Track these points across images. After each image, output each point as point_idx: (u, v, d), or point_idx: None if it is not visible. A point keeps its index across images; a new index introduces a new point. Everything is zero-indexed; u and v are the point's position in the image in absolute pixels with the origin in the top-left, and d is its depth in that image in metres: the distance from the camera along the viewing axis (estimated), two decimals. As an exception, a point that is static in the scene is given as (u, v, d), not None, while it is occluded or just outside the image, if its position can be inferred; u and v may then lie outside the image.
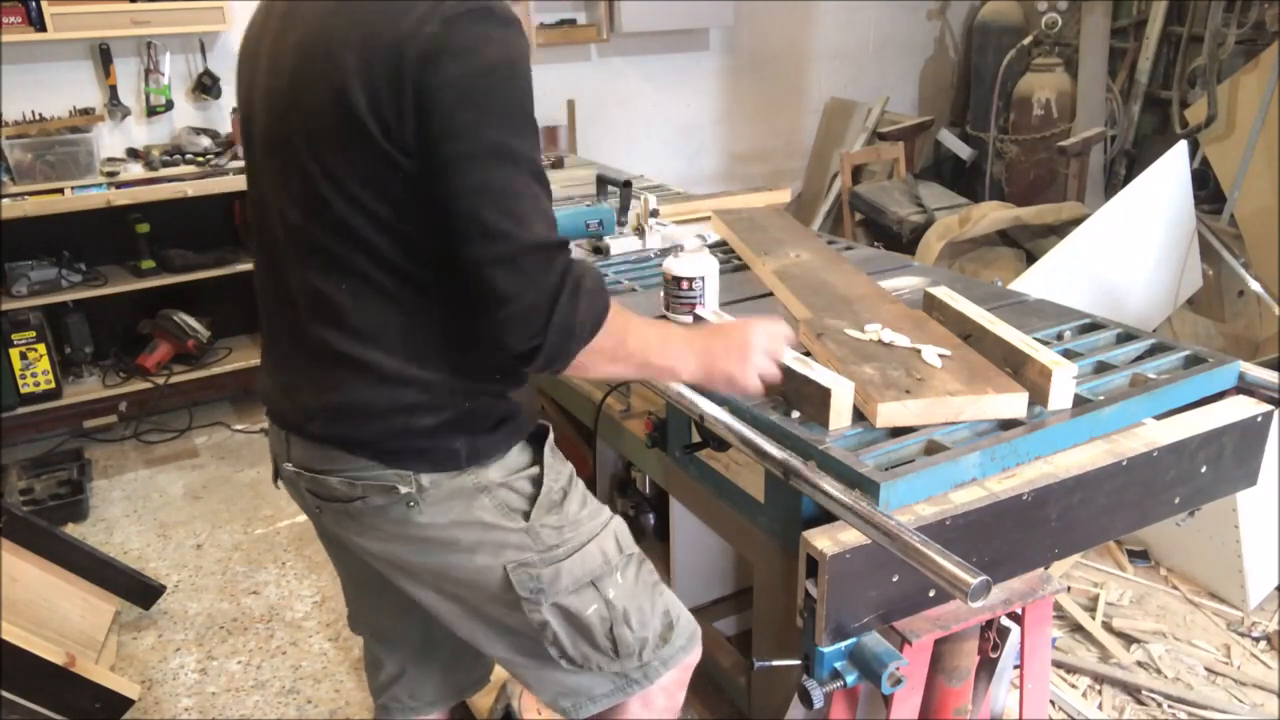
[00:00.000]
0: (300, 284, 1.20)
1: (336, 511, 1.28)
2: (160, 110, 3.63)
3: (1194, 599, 2.57)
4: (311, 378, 1.24)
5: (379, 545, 1.29)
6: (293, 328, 1.24)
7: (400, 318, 1.18)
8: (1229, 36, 3.70)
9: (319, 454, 1.25)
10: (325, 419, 1.23)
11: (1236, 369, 1.57)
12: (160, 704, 2.33)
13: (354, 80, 1.06)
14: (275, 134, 1.18)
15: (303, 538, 3.00)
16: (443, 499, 1.24)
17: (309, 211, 1.15)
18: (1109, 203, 3.15)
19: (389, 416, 1.20)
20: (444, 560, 1.28)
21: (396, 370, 1.19)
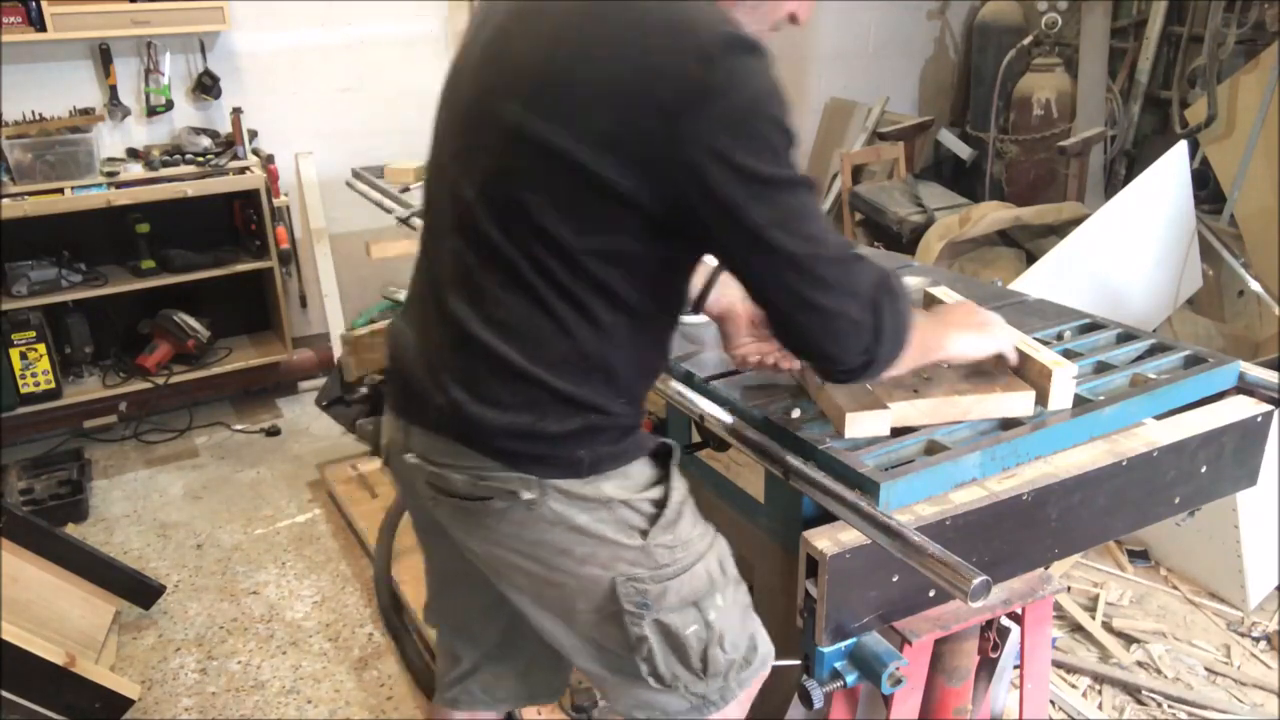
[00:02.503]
0: (451, 252, 1.19)
1: (453, 507, 1.26)
2: (160, 110, 3.63)
3: (1194, 599, 2.56)
4: (449, 362, 1.21)
5: (486, 546, 1.27)
6: (439, 305, 1.22)
7: (547, 327, 1.15)
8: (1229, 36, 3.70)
9: (443, 447, 1.22)
10: (453, 408, 1.19)
11: (1236, 369, 1.57)
12: (160, 704, 2.33)
13: (590, 135, 1.04)
14: (483, 120, 1.14)
15: (302, 538, 3.01)
16: (563, 508, 1.21)
17: (489, 202, 1.13)
18: (1109, 203, 3.15)
19: (523, 411, 1.17)
20: (551, 568, 1.25)
21: (537, 377, 1.16)
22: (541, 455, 1.19)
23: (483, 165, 1.13)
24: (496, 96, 1.12)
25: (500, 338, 1.16)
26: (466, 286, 1.17)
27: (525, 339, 1.16)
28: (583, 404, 1.18)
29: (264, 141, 3.78)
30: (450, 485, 1.23)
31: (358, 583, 2.77)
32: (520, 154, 1.09)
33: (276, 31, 3.76)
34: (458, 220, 1.17)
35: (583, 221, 1.09)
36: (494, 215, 1.13)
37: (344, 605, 2.67)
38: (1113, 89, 4.27)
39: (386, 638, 2.51)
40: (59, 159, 3.34)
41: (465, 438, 1.20)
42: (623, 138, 1.03)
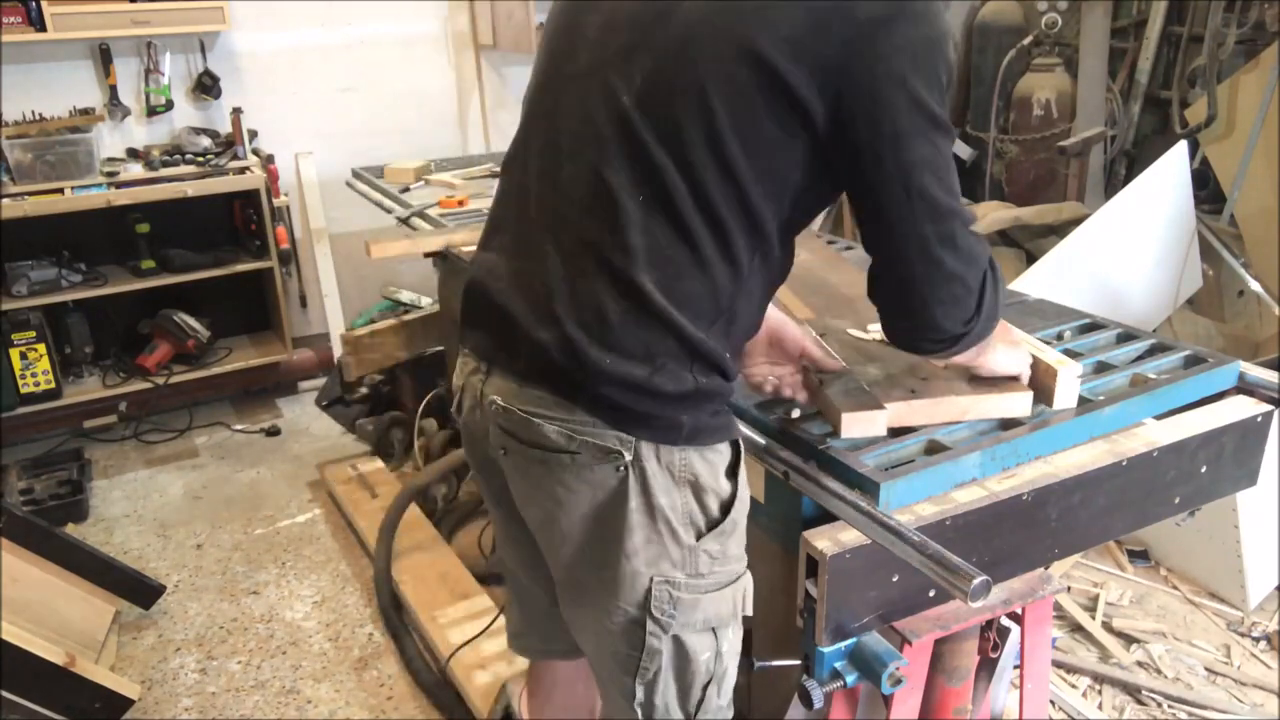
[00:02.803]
0: (582, 172, 1.11)
1: (527, 458, 1.18)
2: (160, 110, 3.63)
3: (1194, 599, 2.56)
4: (565, 296, 1.11)
5: (549, 505, 1.19)
6: (558, 233, 1.13)
7: (685, 258, 1.09)
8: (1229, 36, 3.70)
9: (534, 393, 1.14)
10: (563, 346, 1.10)
11: (1236, 369, 1.57)
12: (160, 704, 2.33)
13: (779, 34, 1.01)
14: (655, 19, 1.09)
15: (302, 538, 3.01)
16: (650, 478, 1.14)
17: (649, 113, 1.07)
18: (1109, 203, 3.15)
19: (641, 361, 1.09)
20: (603, 546, 1.18)
21: (663, 310, 1.09)
22: (646, 414, 1.11)
23: (647, 68, 1.07)
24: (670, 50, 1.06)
25: (637, 266, 1.08)
26: (604, 209, 1.09)
27: (664, 269, 1.08)
28: (702, 356, 1.11)
29: (264, 141, 3.78)
30: (537, 434, 1.14)
31: (358, 583, 2.77)
32: (701, 54, 1.04)
33: (276, 31, 3.76)
34: (598, 135, 1.10)
35: (755, 137, 1.05)
36: (653, 125, 1.06)
37: (344, 605, 2.67)
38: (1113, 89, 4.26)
39: (386, 638, 2.51)
40: (59, 159, 3.34)
41: (567, 384, 1.11)
42: (811, 44, 1.01)
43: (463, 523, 3.00)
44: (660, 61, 1.06)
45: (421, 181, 3.21)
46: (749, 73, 1.02)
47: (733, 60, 1.03)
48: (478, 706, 2.14)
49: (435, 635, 2.39)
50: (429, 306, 3.51)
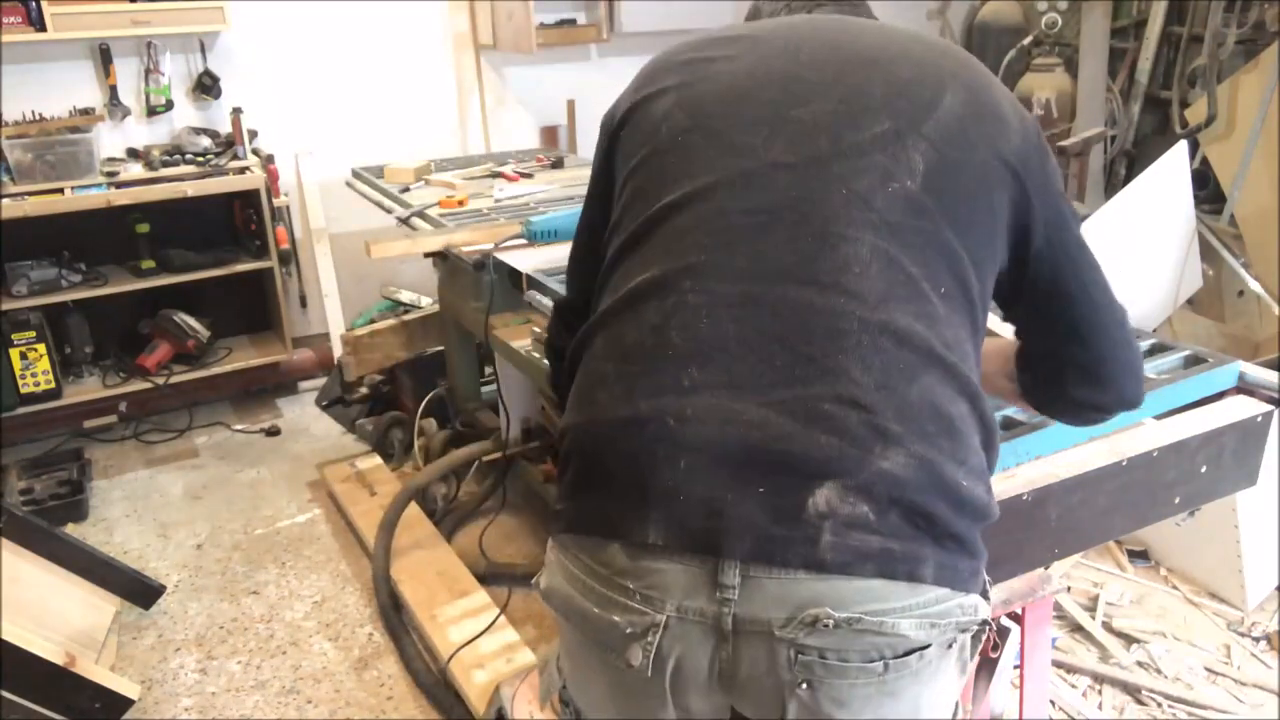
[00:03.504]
0: (867, 259, 0.92)
1: (857, 679, 0.87)
2: (160, 110, 3.63)
3: (1194, 599, 2.56)
4: (873, 391, 0.87)
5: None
6: (826, 321, 0.89)
7: (974, 353, 0.99)
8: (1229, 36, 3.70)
9: (858, 588, 0.84)
10: (909, 447, 0.86)
11: (1236, 369, 1.57)
12: (160, 704, 2.33)
13: (1014, 148, 1.02)
14: (881, 102, 0.99)
15: (302, 538, 3.00)
16: (965, 641, 0.95)
17: (937, 197, 0.97)
18: (1109, 203, 3.15)
19: (980, 478, 0.93)
20: None
21: (987, 411, 0.96)
22: (974, 551, 0.92)
23: (929, 155, 0.97)
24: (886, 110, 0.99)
25: (958, 359, 0.93)
26: (909, 297, 0.91)
27: (968, 364, 0.95)
28: (990, 447, 1.00)
29: (264, 141, 3.77)
30: (884, 640, 0.85)
31: (358, 583, 2.77)
32: (972, 146, 1.00)
33: (277, 31, 3.76)
34: (882, 220, 0.94)
35: (997, 238, 1.03)
36: (945, 213, 0.96)
37: (344, 605, 2.67)
38: (1113, 89, 4.27)
39: (386, 638, 2.51)
40: (59, 159, 3.34)
41: (908, 550, 0.85)
42: (1023, 157, 1.03)
43: (463, 522, 3.00)
44: (942, 147, 0.97)
45: (421, 181, 3.21)
46: (1005, 174, 1.01)
47: (994, 156, 1.01)
48: (476, 707, 2.14)
49: (435, 635, 2.38)
50: (429, 306, 3.51)
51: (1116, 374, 1.15)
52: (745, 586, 0.85)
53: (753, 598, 0.85)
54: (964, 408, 0.92)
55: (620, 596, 0.90)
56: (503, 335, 2.32)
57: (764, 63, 1.04)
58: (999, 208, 1.00)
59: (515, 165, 3.41)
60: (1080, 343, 1.13)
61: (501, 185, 3.13)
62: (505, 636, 2.33)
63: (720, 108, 1.02)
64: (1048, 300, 1.10)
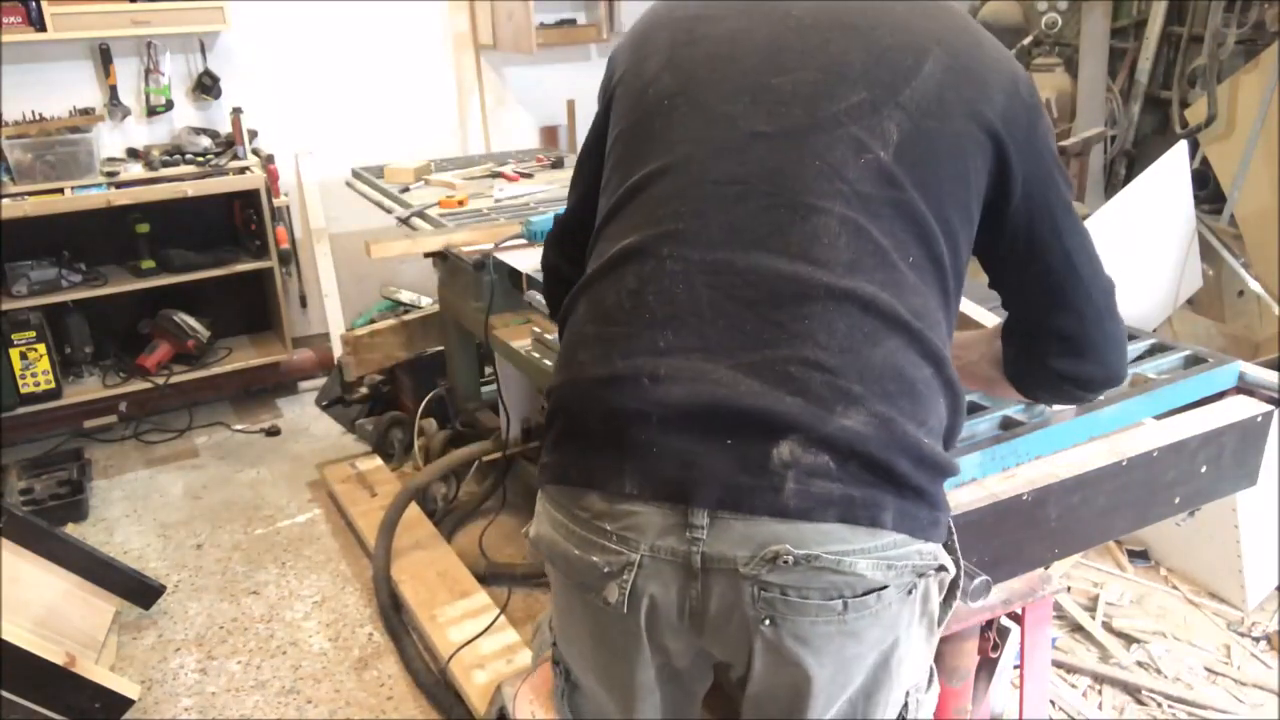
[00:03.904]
0: (836, 229, 0.95)
1: (817, 616, 0.92)
2: (160, 110, 3.63)
3: (1194, 599, 2.56)
4: (837, 354, 0.91)
5: (831, 666, 0.96)
6: (794, 287, 0.93)
7: (943, 320, 1.02)
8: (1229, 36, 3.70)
9: (819, 530, 0.89)
10: (869, 407, 0.90)
11: (1236, 369, 1.57)
12: (160, 704, 2.33)
13: (997, 111, 1.02)
14: (860, 72, 1.01)
15: (302, 538, 3.00)
16: (930, 590, 1.00)
17: (910, 168, 0.99)
18: (1109, 203, 3.15)
19: (939, 437, 0.97)
20: (875, 685, 1.00)
21: (952, 376, 0.99)
22: (940, 506, 0.98)
23: (904, 125, 0.99)
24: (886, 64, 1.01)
25: (924, 325, 0.96)
26: (877, 267, 0.95)
27: (939, 333, 0.99)
28: (956, 425, 1.03)
29: (264, 141, 3.77)
30: (843, 579, 0.90)
31: (358, 583, 2.77)
32: (952, 112, 1.01)
33: (277, 31, 3.76)
34: (854, 191, 0.96)
35: (977, 200, 1.04)
36: (917, 183, 0.98)
37: (344, 605, 2.67)
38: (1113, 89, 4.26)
39: (386, 638, 2.51)
40: (59, 159, 3.34)
41: (869, 498, 0.90)
42: (1010, 118, 1.03)
43: (463, 522, 3.00)
44: (918, 117, 0.99)
45: (421, 181, 3.21)
46: (984, 138, 1.02)
47: (971, 121, 1.02)
48: (476, 707, 2.14)
49: (435, 635, 2.38)
50: (429, 306, 3.51)
51: (1099, 345, 1.14)
52: (713, 527, 0.91)
53: (720, 537, 0.91)
54: (927, 371, 0.96)
55: (598, 538, 0.96)
56: (503, 335, 2.32)
57: (751, 26, 1.06)
58: (974, 173, 1.02)
59: (515, 165, 3.41)
60: (1062, 310, 1.12)
61: (501, 185, 3.13)
62: (505, 637, 2.33)
63: (705, 73, 1.05)
64: (1028, 262, 1.10)
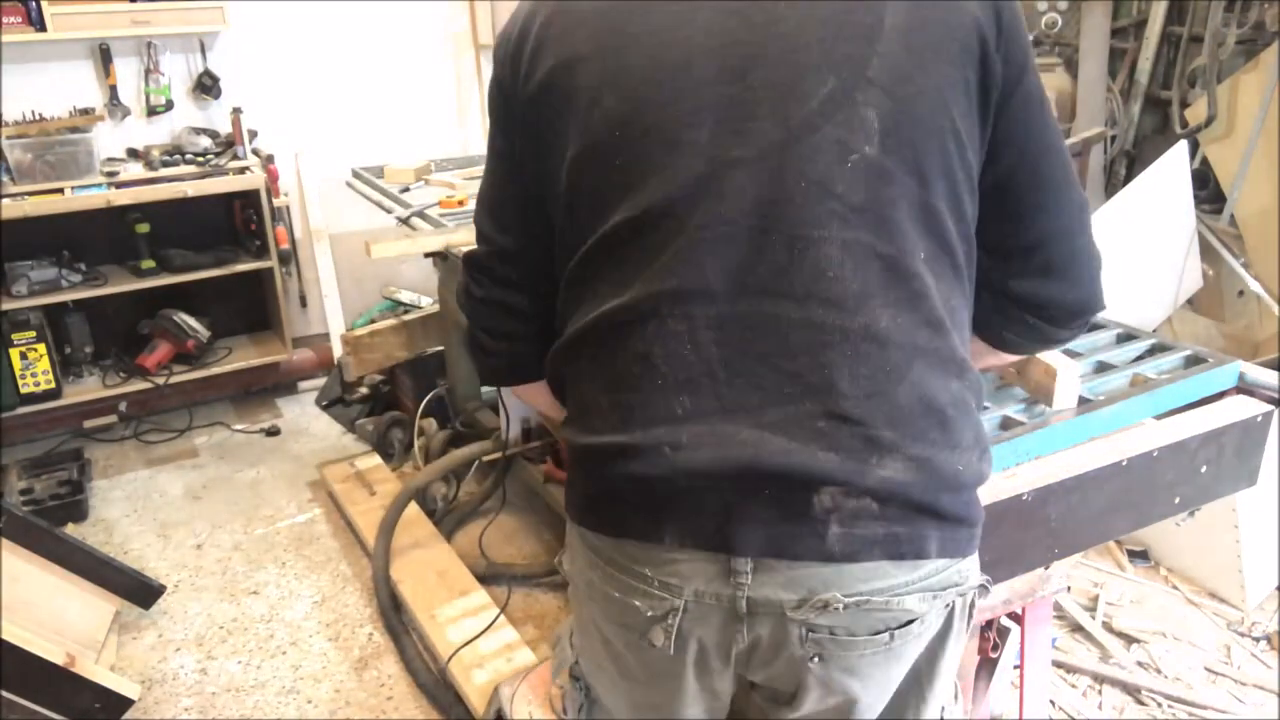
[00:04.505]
0: (838, 258, 0.88)
1: (866, 650, 0.92)
2: (160, 110, 3.63)
3: (1194, 599, 2.56)
4: (863, 403, 0.87)
5: (874, 690, 0.97)
6: (807, 335, 0.88)
7: (963, 304, 0.96)
8: (1229, 36, 3.70)
9: (865, 570, 0.88)
10: (905, 453, 0.87)
11: (1236, 369, 1.57)
12: (160, 704, 2.33)
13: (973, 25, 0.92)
14: (821, 56, 0.91)
15: (302, 538, 3.00)
16: (967, 603, 0.98)
17: (899, 154, 0.91)
18: (1109, 203, 3.15)
19: (974, 448, 0.94)
20: (909, 696, 1.01)
21: (975, 377, 0.95)
22: (972, 519, 0.94)
23: (879, 109, 0.90)
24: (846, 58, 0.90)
25: (951, 337, 0.92)
26: (891, 285, 0.89)
27: (962, 329, 0.95)
28: (979, 396, 0.98)
29: (264, 141, 3.77)
30: (890, 615, 0.90)
31: (358, 583, 2.77)
32: (934, 60, 0.91)
33: (277, 31, 3.76)
34: (848, 205, 0.89)
35: (972, 129, 0.95)
36: (911, 169, 0.91)
37: (344, 605, 2.67)
38: (1113, 89, 4.26)
39: (386, 638, 2.51)
40: (59, 159, 3.34)
41: (912, 533, 0.89)
42: (992, 29, 0.93)
43: (463, 522, 3.00)
44: (892, 88, 0.90)
45: (421, 181, 3.21)
46: (964, 48, 0.92)
47: (953, 39, 0.92)
48: (476, 707, 2.14)
49: (435, 635, 2.38)
50: (429, 306, 3.51)
51: (1069, 262, 1.01)
52: (758, 572, 0.89)
53: (765, 582, 0.89)
54: (954, 386, 0.92)
55: (640, 584, 0.94)
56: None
57: (685, 11, 0.93)
58: (962, 117, 0.93)
59: (515, 165, 3.40)
60: (1027, 219, 1.00)
61: (501, 185, 3.12)
62: (505, 636, 2.33)
63: (654, 93, 0.93)
64: (994, 160, 0.98)
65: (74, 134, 3.40)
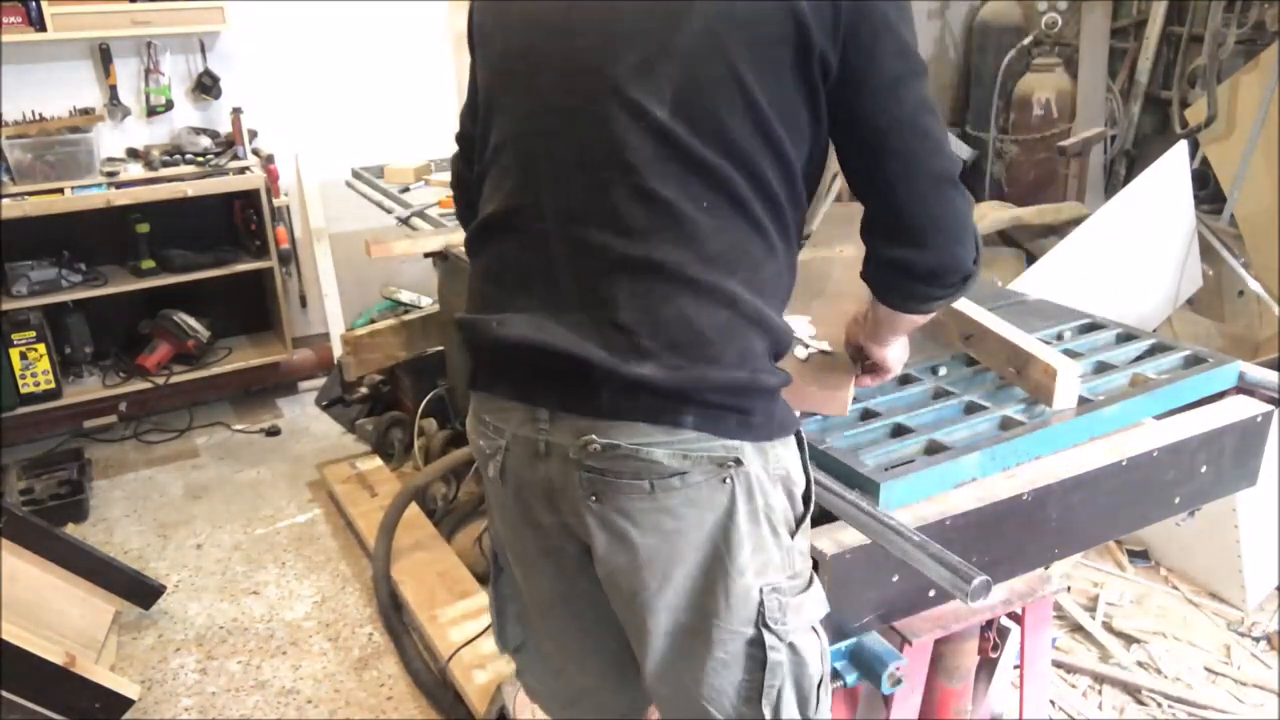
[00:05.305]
0: (630, 198, 1.07)
1: (631, 493, 1.10)
2: (160, 110, 3.62)
3: (1194, 599, 2.56)
4: (645, 325, 1.07)
5: (654, 538, 1.12)
6: (612, 267, 1.08)
7: (759, 249, 1.10)
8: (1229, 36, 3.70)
9: (629, 427, 1.08)
10: (661, 359, 1.06)
11: (1236, 369, 1.57)
12: (160, 704, 2.33)
13: (789, 31, 1.03)
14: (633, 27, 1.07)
15: (302, 538, 3.00)
16: (758, 479, 1.11)
17: (687, 119, 1.05)
18: (1109, 203, 3.15)
19: (739, 365, 1.08)
20: (714, 569, 1.13)
21: (754, 309, 1.09)
22: (748, 414, 1.09)
23: (675, 75, 1.05)
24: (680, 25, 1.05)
25: (723, 274, 1.07)
26: (668, 227, 1.07)
27: (746, 268, 1.09)
28: (782, 343, 1.13)
29: (264, 141, 3.77)
30: (644, 464, 1.08)
31: (358, 583, 2.77)
32: (732, 36, 1.04)
33: (277, 31, 3.76)
34: (638, 158, 1.07)
35: (784, 100, 1.06)
36: (696, 128, 1.06)
37: (344, 605, 2.67)
38: (1113, 89, 4.27)
39: (386, 638, 2.51)
40: (59, 159, 3.34)
41: (670, 409, 1.07)
42: (783, 57, 1.04)
43: (463, 522, 3.00)
44: (688, 62, 1.05)
45: (421, 181, 3.21)
46: (779, 31, 1.03)
47: (765, 23, 1.03)
48: (476, 707, 2.14)
49: (435, 635, 2.39)
50: (429, 306, 3.50)
51: (922, 230, 1.10)
52: (553, 422, 1.13)
53: (557, 430, 1.13)
54: (722, 315, 1.08)
55: (484, 427, 1.22)
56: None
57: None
58: (765, 92, 1.05)
59: (515, 165, 3.40)
60: (881, 188, 1.10)
61: (501, 185, 3.12)
62: (505, 636, 2.33)
63: (518, 38, 1.17)
64: (850, 125, 1.10)
65: (74, 134, 3.40)
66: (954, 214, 1.10)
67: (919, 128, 1.07)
